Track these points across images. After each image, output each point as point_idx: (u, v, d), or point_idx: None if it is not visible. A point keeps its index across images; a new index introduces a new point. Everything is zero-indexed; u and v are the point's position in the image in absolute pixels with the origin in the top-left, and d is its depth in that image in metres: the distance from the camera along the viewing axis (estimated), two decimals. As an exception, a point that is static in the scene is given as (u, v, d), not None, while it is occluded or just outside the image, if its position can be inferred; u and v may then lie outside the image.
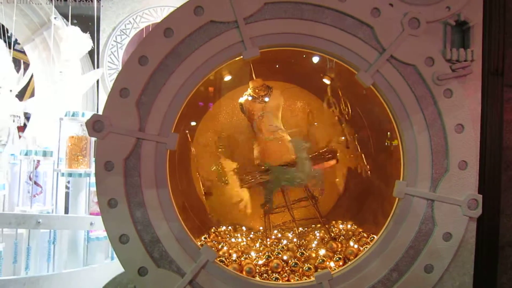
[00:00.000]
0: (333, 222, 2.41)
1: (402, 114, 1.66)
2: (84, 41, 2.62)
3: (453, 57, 1.68)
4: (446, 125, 1.63)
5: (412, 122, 1.64)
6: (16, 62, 3.42)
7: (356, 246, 1.92)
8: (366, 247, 1.77)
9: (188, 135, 2.43)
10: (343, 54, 1.67)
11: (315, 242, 2.11)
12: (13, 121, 2.60)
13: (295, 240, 2.21)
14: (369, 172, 2.36)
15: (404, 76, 1.66)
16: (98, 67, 3.33)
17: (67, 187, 2.31)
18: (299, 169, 2.14)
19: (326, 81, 2.42)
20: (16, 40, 3.41)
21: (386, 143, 2.30)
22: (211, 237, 2.17)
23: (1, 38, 2.91)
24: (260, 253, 1.98)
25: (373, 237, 1.94)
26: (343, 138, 2.49)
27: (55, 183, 2.23)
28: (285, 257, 1.90)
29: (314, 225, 2.47)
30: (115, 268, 2.13)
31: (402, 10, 1.68)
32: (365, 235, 2.05)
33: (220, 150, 2.40)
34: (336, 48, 1.66)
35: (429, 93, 1.64)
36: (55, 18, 3.24)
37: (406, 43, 1.65)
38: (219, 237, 2.20)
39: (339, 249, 1.98)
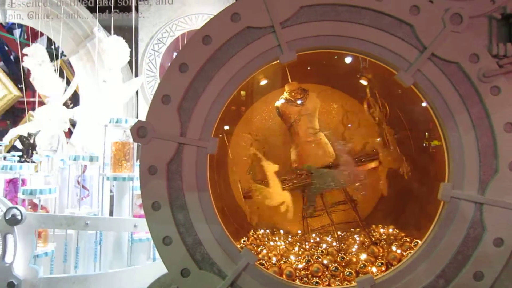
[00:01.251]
0: (373, 226, 2.36)
1: (446, 114, 1.60)
2: (125, 50, 2.73)
3: (500, 52, 1.61)
4: (494, 124, 1.56)
5: (457, 122, 1.58)
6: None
7: (399, 251, 1.87)
8: (410, 252, 1.72)
9: (225, 139, 2.47)
10: (382, 54, 1.64)
11: (355, 247, 2.08)
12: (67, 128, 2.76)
13: (334, 244, 2.19)
14: (409, 173, 2.29)
15: (447, 75, 1.61)
16: (137, 75, 3.45)
17: (111, 191, 2.40)
18: (339, 172, 2.11)
19: (363, 82, 2.38)
20: (62, 52, 3.59)
21: (425, 144, 2.24)
22: (250, 240, 2.18)
23: (48, 50, 3.08)
24: (300, 257, 1.97)
25: (417, 242, 1.88)
26: (380, 139, 2.44)
27: (101, 187, 2.33)
28: (325, 261, 1.88)
29: (353, 229, 2.42)
30: (157, 269, 2.19)
31: (443, 6, 1.63)
32: (408, 239, 1.99)
33: (257, 153, 2.42)
34: (375, 48, 1.64)
35: (475, 91, 1.58)
36: (97, 30, 3.40)
37: (449, 40, 1.60)
38: (258, 240, 2.22)
39: (381, 254, 1.93)
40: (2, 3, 3.46)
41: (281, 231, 2.48)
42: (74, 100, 3.53)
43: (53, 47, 3.51)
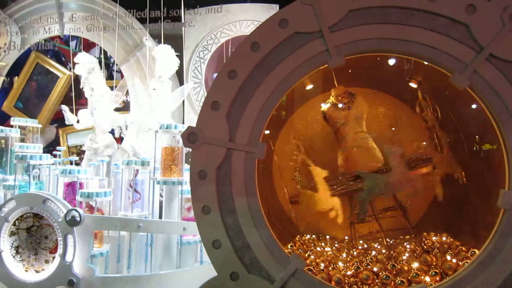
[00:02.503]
0: (425, 233, 2.28)
1: (505, 117, 1.52)
2: (174, 59, 2.82)
3: None
4: (559, 127, 1.46)
5: (518, 126, 1.50)
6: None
7: (454, 260, 1.79)
8: (467, 262, 1.64)
9: (271, 143, 2.48)
10: (435, 56, 1.59)
11: (406, 255, 2.01)
12: (119, 133, 2.91)
13: (383, 251, 2.13)
14: (464, 179, 2.19)
15: (506, 75, 1.53)
16: (184, 82, 3.56)
17: (161, 195, 2.48)
18: (390, 177, 2.06)
19: (413, 84, 2.31)
20: (114, 61, 3.77)
21: (476, 148, 2.13)
22: (297, 245, 2.17)
23: (100, 59, 3.24)
24: (348, 264, 1.93)
25: (474, 252, 1.79)
26: (432, 143, 2.35)
27: (152, 191, 2.41)
28: (375, 269, 1.84)
29: (402, 236, 2.35)
30: (205, 271, 2.24)
31: (502, 4, 1.55)
32: (463, 248, 1.90)
33: (305, 158, 2.41)
34: (427, 50, 1.59)
35: (538, 92, 1.49)
36: (146, 39, 3.54)
37: (508, 39, 1.52)
38: (304, 246, 2.20)
39: (434, 263, 1.86)
40: (61, 18, 3.70)
41: (327, 237, 2.45)
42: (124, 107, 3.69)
43: (101, 56, 3.70)
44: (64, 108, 2.99)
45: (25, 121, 3.01)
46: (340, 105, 2.21)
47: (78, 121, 2.95)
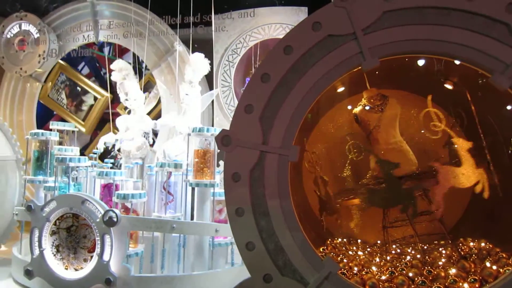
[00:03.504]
0: (461, 239, 2.22)
1: (550, 119, 1.47)
2: (206, 65, 2.85)
3: None
4: None
5: None
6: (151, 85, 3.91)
7: (494, 267, 1.73)
8: (508, 269, 1.59)
9: (302, 145, 2.48)
10: (474, 57, 1.55)
11: (443, 260, 1.96)
12: (146, 138, 2.98)
13: (418, 256, 2.08)
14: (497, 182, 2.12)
15: (551, 76, 1.48)
16: (213, 86, 3.61)
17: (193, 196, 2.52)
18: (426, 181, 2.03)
19: (448, 86, 2.26)
20: (145, 66, 3.87)
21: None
22: (329, 248, 2.16)
23: (131, 64, 3.33)
24: (382, 268, 1.91)
25: (516, 258, 1.73)
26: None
27: (184, 193, 2.46)
28: (410, 274, 1.80)
29: (436, 242, 2.29)
30: (236, 273, 2.26)
31: (545, 2, 1.50)
32: (504, 255, 1.84)
33: (332, 161, 2.40)
34: (466, 50, 1.55)
35: None
36: (177, 44, 3.61)
37: (552, 38, 1.47)
38: (336, 249, 2.19)
39: (473, 270, 1.80)
40: (96, 25, 3.84)
41: (359, 241, 2.42)
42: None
43: (130, 61, 3.80)
44: (101, 144, 3.08)
45: (63, 125, 3.13)
46: (372, 108, 2.18)
47: (116, 132, 3.05)
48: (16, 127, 4.08)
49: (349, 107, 2.43)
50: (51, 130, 2.94)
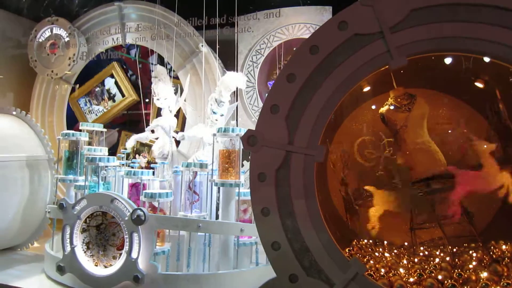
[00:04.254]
0: (493, 242, 2.15)
1: None
2: (238, 84, 2.83)
3: None
4: None
5: None
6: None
7: (529, 271, 1.68)
8: (544, 273, 1.54)
9: (327, 145, 2.46)
10: (507, 54, 1.51)
11: (473, 263, 1.91)
12: (173, 137, 3.03)
13: (447, 259, 2.04)
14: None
15: None
16: (237, 88, 3.63)
17: (218, 197, 2.54)
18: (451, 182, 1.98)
19: (479, 84, 2.20)
20: (171, 67, 3.94)
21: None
22: (355, 249, 2.14)
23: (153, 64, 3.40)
24: (410, 270, 1.87)
25: (552, 262, 1.67)
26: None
27: (209, 192, 2.49)
28: (439, 277, 1.77)
29: (466, 244, 2.23)
30: (261, 273, 2.27)
31: None
32: (539, 259, 1.77)
33: (359, 161, 2.38)
34: (499, 48, 1.51)
35: None
36: (202, 45, 3.66)
37: None
38: (362, 251, 2.17)
39: (505, 274, 1.75)
40: (123, 28, 3.94)
41: (385, 242, 2.39)
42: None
43: (154, 63, 3.87)
44: (131, 143, 3.15)
45: (92, 125, 3.22)
46: (399, 107, 2.14)
47: (152, 131, 3.12)
48: (47, 128, 4.23)
49: (375, 107, 2.40)
50: (80, 130, 3.03)
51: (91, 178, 2.59)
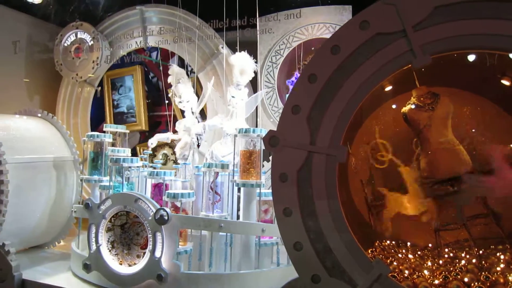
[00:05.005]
0: (521, 243, 2.09)
1: None
2: (252, 65, 2.90)
3: None
4: None
5: None
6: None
7: (560, 274, 1.62)
8: None
9: (348, 145, 2.44)
10: (535, 51, 1.47)
11: (501, 266, 1.86)
12: (197, 138, 3.08)
13: (473, 261, 1.99)
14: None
15: None
16: (257, 88, 3.65)
17: (238, 197, 2.56)
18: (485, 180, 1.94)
19: (505, 82, 2.14)
20: (191, 69, 3.99)
21: None
22: (378, 251, 2.12)
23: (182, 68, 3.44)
24: (435, 273, 1.84)
25: None
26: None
27: (231, 193, 2.51)
28: (465, 279, 1.73)
29: (493, 246, 2.18)
30: (282, 273, 2.28)
31: None
32: None
33: (381, 161, 2.35)
34: (526, 45, 1.47)
35: None
36: (222, 47, 3.69)
37: None
38: (385, 252, 2.14)
39: (535, 276, 1.70)
40: (144, 32, 4.01)
41: (408, 244, 2.35)
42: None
43: (173, 64, 3.91)
44: (153, 141, 3.21)
45: (115, 127, 3.29)
46: (422, 106, 2.11)
47: (175, 132, 3.18)
48: (72, 130, 4.35)
49: (397, 106, 2.37)
50: (104, 132, 3.10)
51: (115, 179, 2.65)
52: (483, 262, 1.98)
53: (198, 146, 3.63)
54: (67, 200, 3.17)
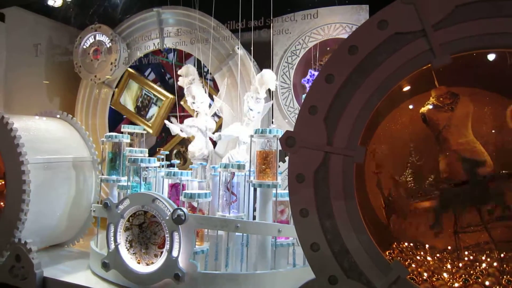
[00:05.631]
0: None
1: None
2: (273, 82, 2.86)
3: None
4: None
5: None
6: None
7: None
8: None
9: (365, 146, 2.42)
10: (561, 50, 1.43)
11: (524, 269, 1.82)
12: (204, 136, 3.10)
13: (494, 264, 1.95)
14: None
15: None
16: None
17: (255, 197, 2.56)
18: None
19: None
20: (207, 70, 4.02)
21: None
22: (395, 252, 2.10)
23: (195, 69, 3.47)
24: (454, 275, 1.81)
25: None
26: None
27: (247, 193, 2.51)
28: (487, 283, 1.70)
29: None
30: (298, 274, 2.27)
31: None
32: None
33: (399, 162, 2.32)
34: (550, 43, 1.44)
35: None
36: (238, 48, 3.70)
37: None
38: (403, 254, 2.11)
39: (559, 280, 1.66)
40: (161, 33, 4.06)
41: (426, 246, 2.32)
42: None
43: (188, 64, 3.93)
44: (167, 123, 3.25)
45: (133, 128, 3.34)
46: (442, 107, 2.08)
47: (181, 130, 3.19)
48: (90, 130, 4.42)
49: (415, 107, 2.34)
50: (122, 133, 3.14)
51: (133, 179, 2.69)
52: (505, 265, 1.94)
53: (214, 146, 3.65)
54: (86, 199, 3.23)
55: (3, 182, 3.05)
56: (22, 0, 4.03)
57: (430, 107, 2.14)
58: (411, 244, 2.30)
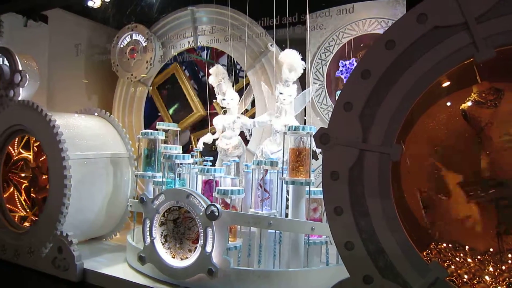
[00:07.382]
0: None
1: None
2: (300, 62, 2.89)
3: None
4: None
5: None
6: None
7: None
8: None
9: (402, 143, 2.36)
10: None
11: None
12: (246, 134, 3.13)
13: (541, 268, 1.85)
14: None
15: None
16: (306, 85, 3.62)
17: (287, 194, 2.55)
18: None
19: None
20: (240, 67, 4.04)
21: None
22: (433, 253, 2.03)
23: (225, 66, 3.51)
24: (497, 279, 1.73)
25: None
26: None
27: (280, 190, 2.51)
28: (533, 288, 1.62)
29: None
30: (332, 273, 2.25)
31: None
32: None
33: (438, 161, 2.24)
34: None
35: None
36: (271, 45, 3.70)
37: None
38: (441, 255, 2.04)
39: None
40: (195, 32, 4.12)
41: (466, 247, 2.23)
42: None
43: (225, 64, 3.96)
44: (200, 144, 3.31)
45: (167, 125, 3.41)
46: (484, 103, 1.99)
47: (213, 133, 3.25)
48: (127, 127, 4.56)
49: (455, 103, 2.25)
50: (157, 130, 3.21)
51: (168, 175, 2.74)
52: (553, 270, 1.84)
53: (247, 144, 3.67)
54: (123, 194, 3.33)
55: (46, 177, 3.21)
56: (64, 1, 4.20)
57: (472, 103, 2.05)
58: (450, 245, 2.22)
